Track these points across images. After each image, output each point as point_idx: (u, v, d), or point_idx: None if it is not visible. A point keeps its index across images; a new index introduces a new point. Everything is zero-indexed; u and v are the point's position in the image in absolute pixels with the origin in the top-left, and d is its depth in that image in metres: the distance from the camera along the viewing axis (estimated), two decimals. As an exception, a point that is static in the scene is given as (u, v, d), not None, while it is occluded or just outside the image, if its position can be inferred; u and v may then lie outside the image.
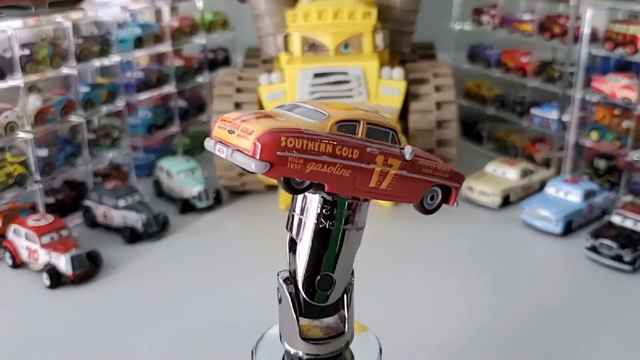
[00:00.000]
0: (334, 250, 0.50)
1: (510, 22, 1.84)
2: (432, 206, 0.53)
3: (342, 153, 0.44)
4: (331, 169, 0.44)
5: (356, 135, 0.45)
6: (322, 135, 0.44)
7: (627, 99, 1.44)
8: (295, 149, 0.43)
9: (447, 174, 0.53)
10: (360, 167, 0.45)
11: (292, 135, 0.43)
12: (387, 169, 0.47)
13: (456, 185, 0.54)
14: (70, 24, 1.42)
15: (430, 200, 0.52)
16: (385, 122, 0.47)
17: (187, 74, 1.87)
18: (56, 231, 1.24)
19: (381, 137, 0.47)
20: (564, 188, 1.43)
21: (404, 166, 0.48)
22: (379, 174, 0.46)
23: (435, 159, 0.53)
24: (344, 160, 0.44)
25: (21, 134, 1.33)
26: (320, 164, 0.44)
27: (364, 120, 0.45)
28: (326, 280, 0.51)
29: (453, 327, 1.05)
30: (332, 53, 1.46)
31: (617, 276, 1.21)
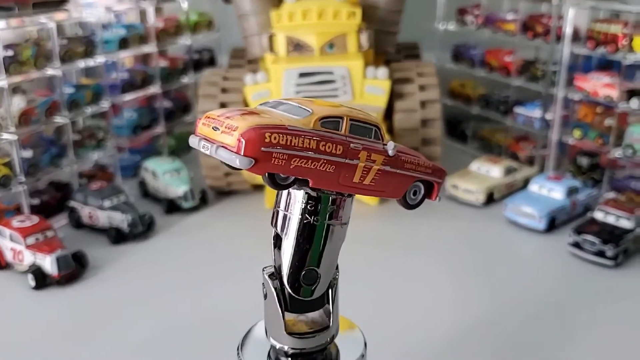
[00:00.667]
0: (318, 246, 0.50)
1: (493, 22, 1.85)
2: (415, 201, 0.53)
3: (325, 149, 0.45)
4: (315, 164, 0.45)
5: (340, 132, 0.46)
6: (306, 131, 0.45)
7: (609, 97, 1.46)
8: (279, 145, 0.44)
9: (430, 169, 0.53)
10: (344, 163, 0.46)
11: (276, 131, 0.44)
12: (370, 165, 0.47)
13: (438, 180, 0.55)
14: (54, 24, 1.41)
15: (413, 195, 0.53)
16: (369, 119, 0.48)
17: (172, 75, 1.87)
18: (41, 232, 1.23)
19: (364, 134, 0.48)
20: (547, 185, 1.45)
21: (387, 162, 0.48)
22: (362, 170, 0.47)
23: (417, 154, 0.54)
24: (328, 156, 0.45)
25: (5, 135, 1.33)
26: (304, 159, 0.44)
27: (347, 117, 0.46)
28: (311, 275, 0.51)
29: (438, 323, 1.05)
30: (317, 53, 1.47)
31: (599, 271, 1.23)
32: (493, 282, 1.20)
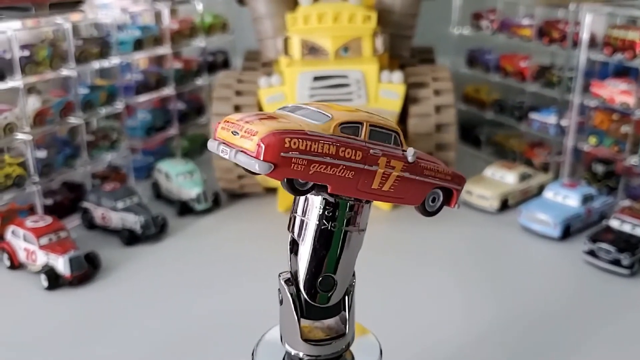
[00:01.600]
0: (335, 252, 0.50)
1: (509, 27, 1.84)
2: (434, 208, 0.53)
3: (345, 155, 0.45)
4: (334, 170, 0.45)
5: (359, 137, 0.46)
6: (326, 136, 0.44)
7: (626, 104, 1.45)
8: (298, 150, 0.43)
9: (449, 176, 0.53)
10: (363, 169, 0.45)
11: (295, 136, 0.44)
12: (389, 171, 0.47)
13: (457, 187, 0.54)
14: (70, 25, 1.42)
15: (432, 202, 0.52)
16: (388, 124, 0.48)
17: (186, 77, 1.87)
18: (54, 232, 1.24)
19: (384, 139, 0.47)
20: (562, 192, 1.44)
21: (406, 168, 0.48)
22: (381, 176, 0.46)
23: (436, 161, 0.53)
24: (347, 162, 0.45)
25: (20, 135, 1.33)
26: (324, 165, 0.44)
27: (367, 122, 0.46)
28: (328, 281, 0.51)
29: (452, 330, 1.05)
30: (332, 56, 1.47)
31: (615, 280, 1.21)
32: (506, 290, 1.19)
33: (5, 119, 1.30)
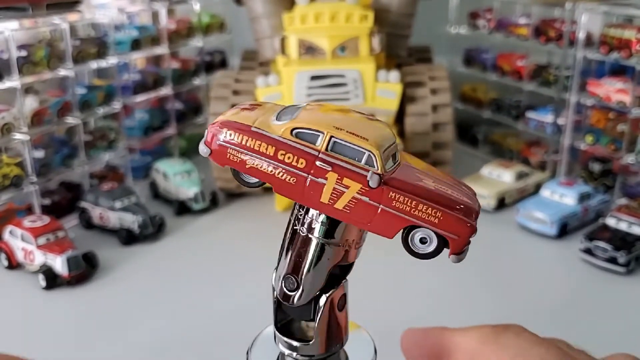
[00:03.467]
0: (300, 256, 0.49)
1: (506, 26, 1.85)
2: (423, 251, 0.45)
3: (285, 159, 0.43)
4: (273, 171, 0.44)
5: (315, 146, 0.43)
6: (268, 136, 0.44)
7: (622, 102, 1.45)
8: (234, 143, 0.44)
9: (438, 218, 0.43)
10: (307, 178, 0.43)
11: (234, 129, 0.44)
12: (341, 189, 0.43)
13: (452, 235, 0.43)
14: (67, 25, 1.42)
15: (421, 243, 0.44)
16: (362, 143, 0.43)
17: (183, 77, 1.87)
18: (52, 232, 1.24)
19: (351, 156, 0.43)
20: (559, 191, 1.44)
21: (366, 193, 0.43)
22: (331, 192, 0.43)
23: (424, 193, 0.44)
24: (287, 167, 0.44)
25: (17, 135, 1.33)
26: (260, 162, 0.44)
27: (329, 133, 0.44)
28: (290, 280, 0.50)
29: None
30: (329, 56, 1.47)
31: (611, 278, 1.22)
32: (503, 288, 1.19)
33: (3, 119, 1.30)
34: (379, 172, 0.42)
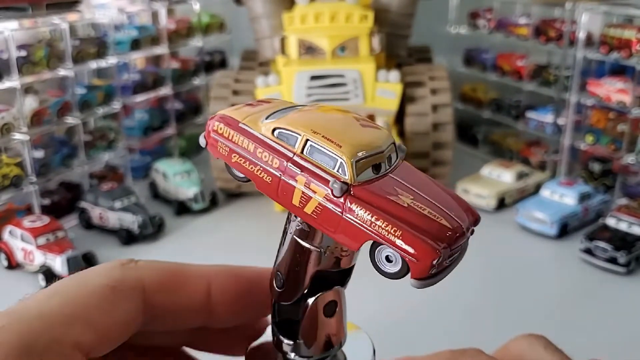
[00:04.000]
0: (286, 253, 0.49)
1: (506, 26, 1.85)
2: (390, 270, 0.41)
3: (262, 157, 0.44)
4: (252, 168, 0.44)
5: (292, 147, 0.43)
6: (251, 133, 0.44)
7: (622, 102, 1.45)
8: (222, 136, 0.45)
9: (397, 236, 0.40)
10: (280, 178, 0.43)
11: (225, 122, 0.45)
12: (308, 194, 0.42)
13: (410, 257, 0.39)
14: (67, 25, 1.42)
15: (387, 261, 0.41)
16: (335, 149, 0.41)
17: (183, 76, 1.87)
18: (52, 232, 1.24)
19: (325, 161, 0.42)
20: (559, 191, 1.44)
21: (331, 200, 0.41)
22: (300, 195, 0.42)
23: (389, 208, 0.40)
24: (264, 165, 0.44)
25: (17, 135, 1.33)
26: (243, 158, 0.45)
27: (305, 136, 0.44)
28: (278, 277, 0.51)
29: (448, 328, 1.05)
30: (329, 56, 1.47)
31: (611, 278, 1.22)
32: (503, 288, 1.19)
33: (3, 119, 1.30)
34: (346, 181, 0.40)
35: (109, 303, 0.38)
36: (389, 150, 0.43)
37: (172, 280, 0.44)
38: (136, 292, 0.40)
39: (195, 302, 0.44)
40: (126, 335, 0.40)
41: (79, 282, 0.39)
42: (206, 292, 0.45)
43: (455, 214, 0.42)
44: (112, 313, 0.38)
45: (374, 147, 0.42)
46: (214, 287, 0.46)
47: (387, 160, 0.43)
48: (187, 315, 0.44)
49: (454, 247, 0.40)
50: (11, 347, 0.33)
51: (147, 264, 0.43)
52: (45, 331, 0.35)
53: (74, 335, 0.36)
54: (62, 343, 0.35)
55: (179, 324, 0.45)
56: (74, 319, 0.36)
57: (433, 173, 1.54)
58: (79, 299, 0.38)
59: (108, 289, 0.39)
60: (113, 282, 0.39)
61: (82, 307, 0.37)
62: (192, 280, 0.45)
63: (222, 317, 0.46)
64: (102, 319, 0.37)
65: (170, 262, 0.45)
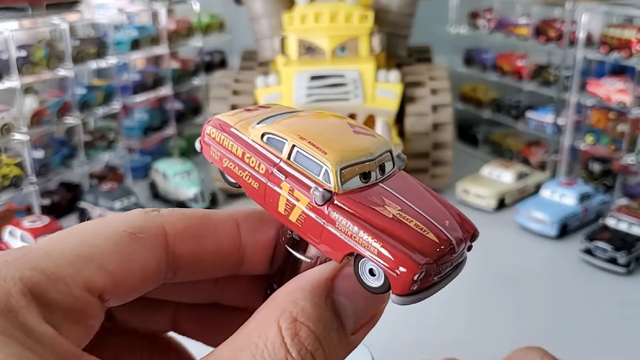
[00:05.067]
0: (279, 263, 0.48)
1: (506, 26, 1.85)
2: (374, 284, 0.38)
3: (250, 162, 0.42)
4: (242, 173, 0.43)
5: (279, 153, 0.41)
6: (240, 137, 0.43)
7: (622, 102, 1.45)
8: (214, 141, 0.45)
9: (377, 248, 0.37)
10: (267, 185, 0.42)
11: (217, 127, 0.45)
12: (292, 201, 0.40)
13: (389, 271, 0.37)
14: (67, 25, 1.42)
15: (371, 275, 0.38)
16: (319, 156, 0.40)
17: (183, 77, 1.87)
18: (52, 233, 1.23)
19: (310, 168, 0.40)
20: (559, 191, 1.44)
21: (313, 208, 0.39)
22: (285, 202, 0.41)
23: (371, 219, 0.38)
24: (252, 170, 0.42)
25: (17, 135, 1.33)
26: (233, 163, 0.43)
27: (292, 142, 0.41)
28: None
29: (448, 329, 1.05)
30: (329, 56, 1.47)
31: (611, 279, 1.22)
32: (503, 288, 1.19)
33: (2, 119, 1.29)
34: (330, 189, 0.39)
35: (128, 249, 0.37)
36: (382, 158, 0.41)
37: (198, 227, 0.42)
38: (158, 240, 0.39)
39: (225, 246, 0.42)
40: (149, 285, 0.38)
41: (96, 226, 0.37)
42: (236, 235, 0.43)
43: (447, 228, 0.39)
44: (130, 259, 0.36)
45: (362, 154, 0.40)
46: (244, 229, 0.43)
47: (379, 169, 0.41)
48: (217, 262, 0.42)
49: (441, 262, 0.38)
50: (14, 283, 0.31)
51: (171, 211, 0.42)
52: (51, 270, 0.33)
53: (85, 276, 0.34)
54: (70, 283, 0.33)
55: (208, 272, 0.42)
56: (87, 260, 0.34)
57: (433, 173, 1.54)
58: (95, 240, 0.36)
59: (127, 235, 0.37)
60: (133, 228, 0.38)
61: (97, 250, 0.35)
62: (220, 224, 0.43)
63: (254, 261, 0.44)
64: (119, 264, 0.36)
65: (196, 209, 0.43)
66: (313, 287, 0.37)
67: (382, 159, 0.41)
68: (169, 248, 0.39)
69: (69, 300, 0.33)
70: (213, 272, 0.42)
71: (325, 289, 0.37)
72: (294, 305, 0.35)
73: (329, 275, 0.38)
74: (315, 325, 0.35)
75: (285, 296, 0.36)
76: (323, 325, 0.35)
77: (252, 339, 0.34)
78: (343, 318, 0.37)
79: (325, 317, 0.36)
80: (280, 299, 0.36)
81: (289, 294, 0.36)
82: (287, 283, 0.38)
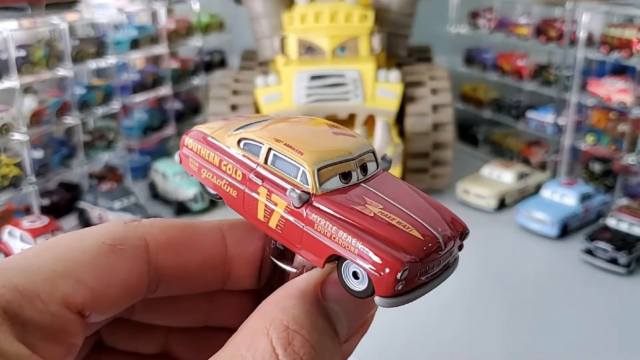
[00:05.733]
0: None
1: (506, 26, 1.84)
2: (358, 288, 0.36)
3: (227, 170, 0.41)
4: (219, 182, 0.42)
5: (256, 158, 0.40)
6: (217, 145, 0.42)
7: (623, 102, 1.45)
8: (192, 151, 0.44)
9: (357, 248, 0.35)
10: (244, 192, 0.40)
11: (194, 138, 0.43)
12: (271, 206, 0.39)
13: (371, 271, 0.35)
14: (66, 25, 1.41)
15: (354, 278, 0.36)
16: (296, 157, 0.38)
17: (182, 76, 1.87)
18: (51, 233, 1.23)
19: (288, 170, 0.39)
20: (560, 191, 1.43)
21: (291, 211, 0.38)
22: (264, 208, 0.39)
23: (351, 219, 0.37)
24: (229, 178, 0.41)
25: (16, 135, 1.33)
26: (210, 173, 0.42)
27: (267, 145, 0.40)
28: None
29: (448, 329, 1.04)
30: (329, 56, 1.46)
31: (612, 279, 1.21)
32: (504, 289, 1.18)
33: (2, 119, 1.29)
34: (308, 190, 0.37)
35: (107, 262, 0.35)
36: (362, 158, 0.39)
37: (181, 237, 0.39)
38: (139, 251, 0.37)
39: (210, 258, 0.40)
40: (131, 299, 0.36)
41: (73, 239, 0.36)
42: (221, 246, 0.41)
43: (433, 225, 0.37)
44: (110, 272, 0.35)
45: (340, 154, 0.38)
46: (230, 240, 0.41)
47: (361, 170, 0.39)
48: (202, 274, 0.40)
49: (427, 260, 0.36)
50: None
51: (153, 221, 0.40)
52: (26, 287, 0.31)
53: (62, 291, 0.32)
54: (46, 300, 0.31)
55: (194, 285, 0.40)
56: (64, 275, 0.33)
57: (433, 173, 1.54)
58: (72, 255, 0.34)
59: (106, 247, 0.35)
60: (112, 240, 0.36)
61: (74, 264, 0.34)
62: (205, 235, 0.41)
63: (242, 274, 0.41)
64: (98, 278, 0.34)
65: (178, 219, 0.41)
66: (303, 294, 0.35)
67: (363, 159, 0.40)
68: (150, 260, 0.37)
69: (46, 318, 0.31)
70: (198, 285, 0.40)
71: (316, 295, 0.35)
72: (284, 313, 0.33)
73: (317, 281, 0.36)
74: (309, 332, 0.33)
75: (274, 304, 0.34)
76: (317, 333, 0.33)
77: (240, 352, 0.32)
78: (336, 324, 0.35)
79: (319, 324, 0.34)
80: (268, 307, 0.34)
81: (277, 302, 0.34)
82: (275, 292, 0.36)
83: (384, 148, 1.39)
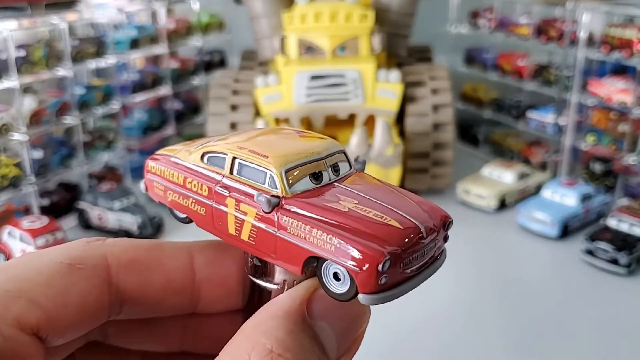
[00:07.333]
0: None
1: (506, 26, 1.84)
2: (340, 290, 0.34)
3: (192, 187, 0.39)
4: (186, 202, 0.40)
5: (221, 170, 0.38)
6: (181, 164, 0.41)
7: (623, 102, 1.44)
8: (156, 175, 0.42)
9: (334, 245, 0.34)
10: (212, 207, 0.39)
11: (156, 159, 0.42)
12: (241, 217, 0.37)
13: (351, 266, 0.33)
14: (66, 25, 1.41)
15: (335, 279, 0.35)
16: (261, 161, 0.37)
17: (182, 76, 1.86)
18: (51, 233, 1.23)
19: (254, 177, 0.37)
20: (560, 191, 1.43)
21: (261, 218, 0.36)
22: (234, 220, 0.37)
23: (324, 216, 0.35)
24: (195, 195, 0.39)
25: (16, 135, 1.33)
26: (176, 194, 0.41)
27: (232, 154, 0.38)
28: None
29: (450, 328, 1.04)
30: (329, 55, 1.46)
31: (612, 279, 1.21)
32: (504, 289, 1.18)
33: (1, 119, 1.29)
34: (277, 194, 0.36)
35: (63, 281, 0.33)
36: (333, 158, 0.38)
37: (145, 258, 0.38)
38: (98, 270, 0.35)
39: (175, 280, 0.38)
40: (92, 321, 0.35)
41: (31, 259, 0.35)
42: (188, 268, 0.38)
43: (413, 215, 0.36)
44: (65, 292, 0.33)
45: (308, 154, 0.37)
46: (199, 262, 0.39)
47: (333, 170, 0.38)
48: (167, 297, 0.38)
49: (409, 250, 0.34)
50: None
51: (117, 241, 0.38)
52: None
53: (14, 312, 0.31)
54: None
55: (159, 308, 0.38)
56: (17, 296, 0.31)
57: (433, 173, 1.54)
58: (27, 274, 0.33)
59: (64, 266, 0.34)
60: (71, 259, 0.35)
61: (28, 283, 0.32)
62: (170, 256, 0.38)
63: (213, 297, 0.39)
64: (53, 298, 0.32)
65: (145, 240, 0.40)
66: (286, 313, 0.33)
67: (334, 159, 0.38)
68: (112, 280, 0.36)
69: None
70: (165, 308, 0.38)
71: (301, 314, 0.33)
72: (266, 336, 0.31)
73: (303, 298, 0.34)
74: (294, 355, 0.31)
75: (255, 327, 0.32)
76: (304, 355, 0.31)
77: None
78: (325, 344, 0.33)
79: (306, 345, 0.32)
80: (249, 330, 0.32)
81: (259, 324, 0.32)
82: (256, 312, 0.34)
83: (384, 148, 1.39)
